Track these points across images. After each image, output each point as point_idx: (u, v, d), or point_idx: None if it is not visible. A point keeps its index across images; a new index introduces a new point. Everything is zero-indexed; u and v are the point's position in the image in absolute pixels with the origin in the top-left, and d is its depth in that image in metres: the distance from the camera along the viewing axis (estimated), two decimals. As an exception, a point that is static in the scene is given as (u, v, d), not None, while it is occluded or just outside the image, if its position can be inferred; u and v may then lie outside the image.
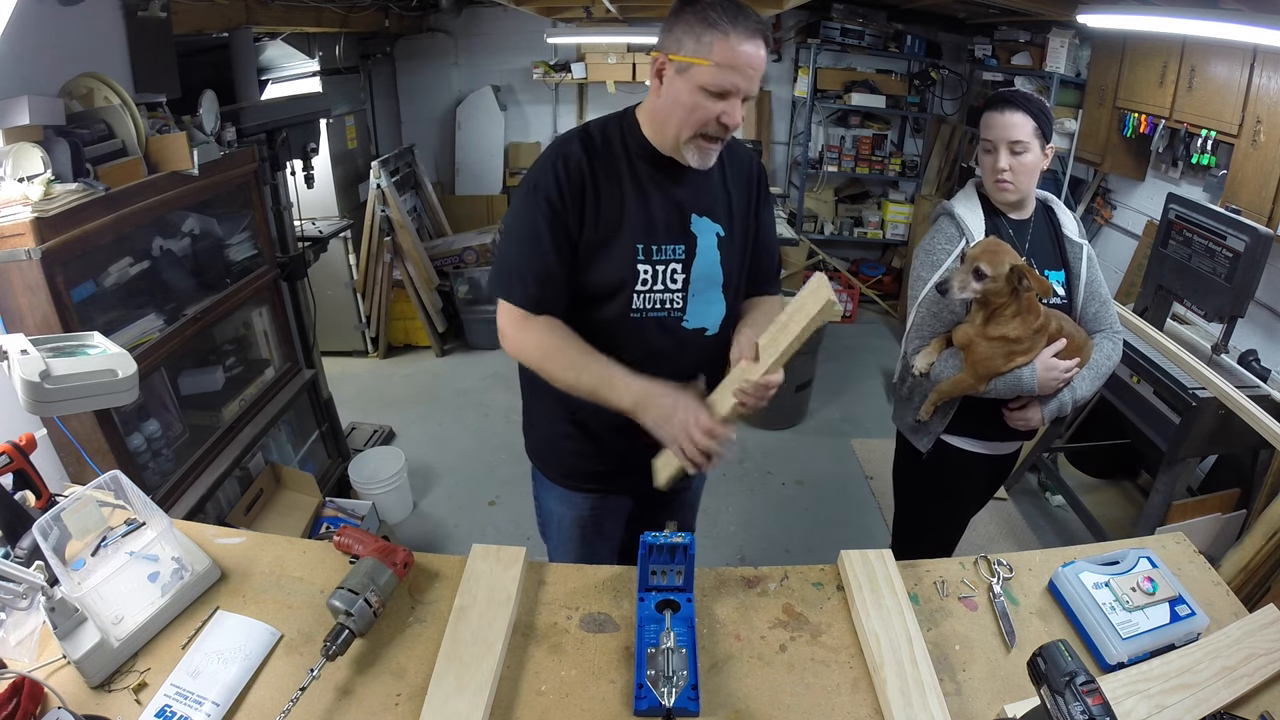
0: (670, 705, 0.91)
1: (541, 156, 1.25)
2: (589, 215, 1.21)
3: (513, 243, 1.25)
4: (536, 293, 1.22)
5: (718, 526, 2.92)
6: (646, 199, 1.24)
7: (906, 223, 5.20)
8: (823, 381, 3.86)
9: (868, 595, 1.13)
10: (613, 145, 1.24)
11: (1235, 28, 2.06)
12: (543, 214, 1.20)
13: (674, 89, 1.16)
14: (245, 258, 2.32)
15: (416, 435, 3.56)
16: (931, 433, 1.64)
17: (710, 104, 1.14)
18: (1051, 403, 1.55)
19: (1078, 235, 1.60)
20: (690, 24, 1.12)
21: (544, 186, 1.20)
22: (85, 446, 1.58)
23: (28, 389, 1.10)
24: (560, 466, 1.48)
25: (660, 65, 1.18)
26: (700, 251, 1.29)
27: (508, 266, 1.25)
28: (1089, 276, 1.59)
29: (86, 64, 1.76)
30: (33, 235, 1.41)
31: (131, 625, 1.03)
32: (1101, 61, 3.60)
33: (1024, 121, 1.48)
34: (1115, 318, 1.62)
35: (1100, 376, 1.58)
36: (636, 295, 1.26)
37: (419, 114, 5.23)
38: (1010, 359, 1.48)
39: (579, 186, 1.20)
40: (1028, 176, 1.52)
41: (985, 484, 1.83)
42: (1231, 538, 2.36)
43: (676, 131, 1.18)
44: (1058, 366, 1.49)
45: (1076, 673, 0.78)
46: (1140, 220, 3.54)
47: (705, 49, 1.11)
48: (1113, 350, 1.59)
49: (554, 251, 1.21)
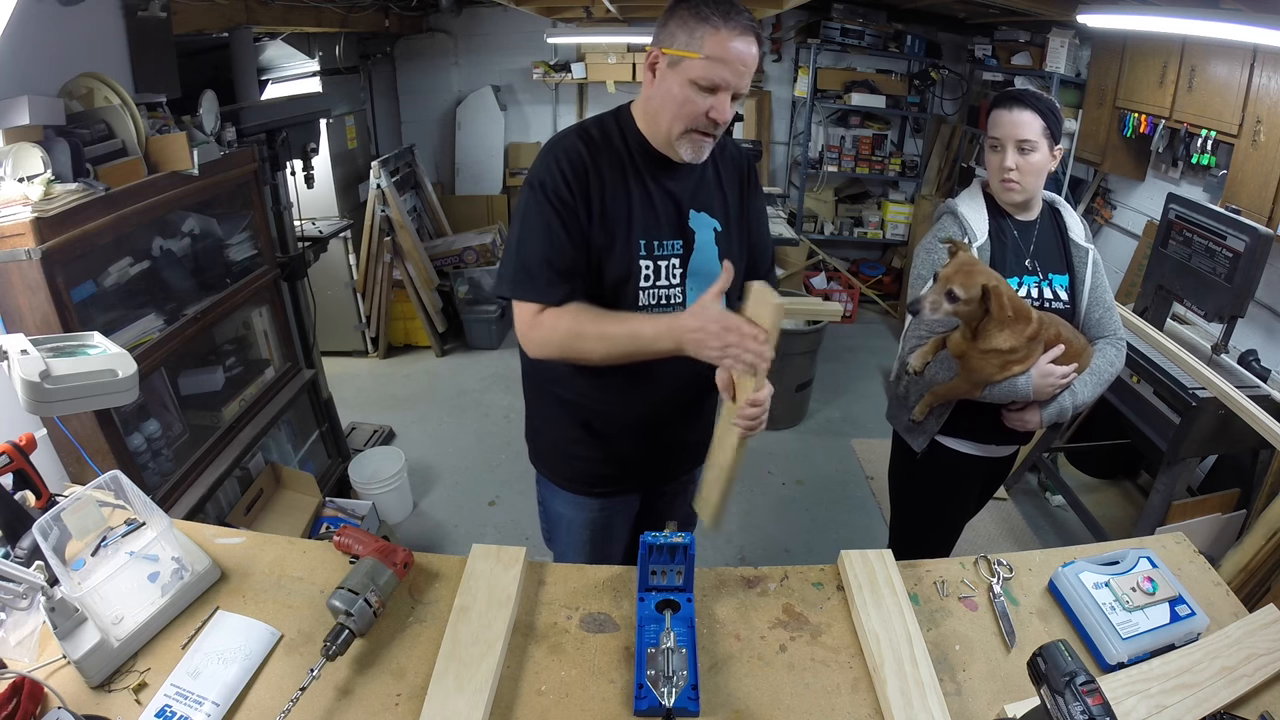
0: (670, 705, 0.91)
1: (541, 155, 1.24)
2: (595, 210, 1.21)
3: (525, 241, 1.21)
4: (559, 288, 1.20)
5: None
6: (647, 194, 1.25)
7: (906, 223, 5.20)
8: (823, 381, 3.86)
9: (868, 595, 1.13)
10: (611, 141, 1.24)
11: (1235, 28, 2.06)
12: (553, 209, 1.18)
13: (666, 83, 1.17)
14: (245, 258, 2.32)
15: (416, 435, 3.56)
16: (926, 433, 1.63)
17: (700, 98, 1.14)
18: (1051, 406, 1.53)
19: (1084, 239, 1.57)
20: (683, 19, 1.13)
21: (550, 184, 1.19)
22: (85, 446, 1.58)
23: (28, 389, 1.10)
24: (570, 472, 1.47)
25: (653, 59, 1.18)
26: (698, 247, 1.29)
27: (523, 266, 1.20)
28: (1094, 282, 1.56)
29: (86, 64, 1.76)
30: (33, 235, 1.41)
31: (131, 625, 1.03)
32: (1101, 61, 3.60)
33: (1033, 120, 1.45)
34: (1119, 324, 1.60)
35: (1102, 382, 1.55)
36: (641, 291, 1.26)
37: (419, 114, 5.23)
38: (1005, 369, 1.46)
39: (584, 181, 1.20)
40: (1035, 177, 1.49)
41: (981, 486, 1.81)
42: (1231, 538, 2.36)
43: (669, 125, 1.19)
44: (1054, 373, 1.47)
45: (1076, 673, 0.78)
46: (1140, 220, 3.54)
47: (697, 43, 1.12)
48: (1116, 356, 1.57)
49: (569, 245, 1.20)
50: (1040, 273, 1.56)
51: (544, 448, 1.50)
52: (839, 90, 4.92)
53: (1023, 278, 1.55)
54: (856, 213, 5.35)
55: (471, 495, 3.11)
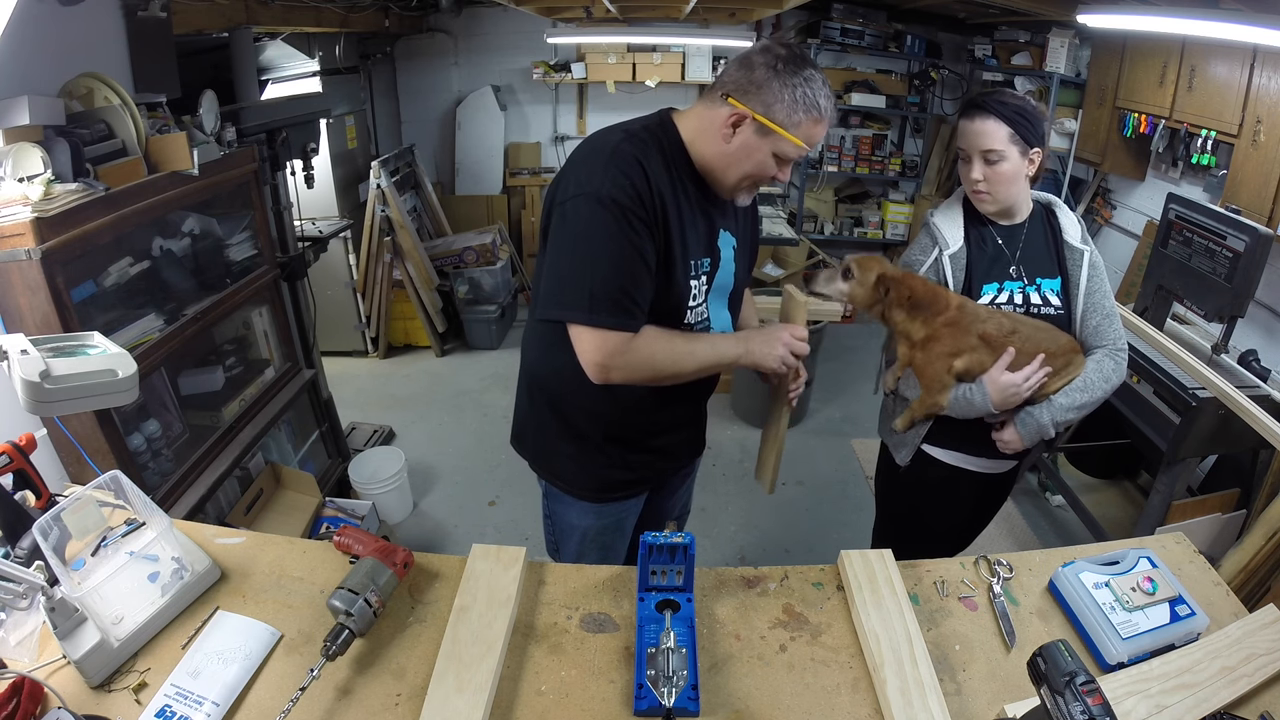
0: (670, 705, 0.91)
1: (597, 166, 1.15)
2: (661, 227, 1.18)
3: (599, 264, 1.13)
4: (640, 316, 1.17)
5: (718, 526, 2.92)
6: (694, 214, 1.25)
7: (906, 223, 5.21)
8: (823, 381, 3.86)
9: (868, 595, 1.13)
10: (665, 155, 1.20)
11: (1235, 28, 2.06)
12: (630, 228, 1.13)
13: (749, 145, 1.17)
14: (245, 258, 2.32)
15: (416, 435, 3.56)
16: (908, 445, 1.58)
17: (775, 166, 1.20)
18: (1027, 423, 1.45)
19: (1079, 241, 1.48)
20: (785, 96, 1.13)
21: (625, 200, 1.12)
22: (85, 446, 1.58)
23: (28, 389, 1.10)
24: (591, 482, 1.45)
25: (740, 119, 1.15)
26: (723, 263, 1.32)
27: (603, 292, 1.13)
28: (1091, 286, 1.46)
29: (86, 64, 1.76)
30: (33, 235, 1.41)
31: (131, 625, 1.03)
32: (1101, 61, 3.60)
33: (996, 128, 1.36)
34: (1120, 334, 1.48)
35: (1091, 396, 1.43)
36: (689, 310, 1.28)
37: (419, 114, 5.23)
38: (946, 361, 1.41)
39: (650, 197, 1.15)
40: (1005, 186, 1.41)
41: (975, 503, 1.70)
42: (1231, 538, 2.36)
43: (737, 180, 1.22)
44: (1014, 381, 1.39)
45: (1076, 673, 0.78)
46: (1140, 220, 3.54)
47: (794, 126, 1.15)
48: (1113, 370, 1.45)
49: (646, 269, 1.16)
50: (1026, 278, 1.48)
51: (559, 463, 1.46)
52: (839, 90, 4.91)
53: (1003, 283, 1.48)
54: (856, 213, 5.35)
55: (471, 495, 3.11)
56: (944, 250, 1.49)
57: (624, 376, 1.19)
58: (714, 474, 3.20)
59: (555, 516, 1.54)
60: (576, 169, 1.18)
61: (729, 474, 3.23)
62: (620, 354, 1.16)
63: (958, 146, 1.45)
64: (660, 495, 1.60)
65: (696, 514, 1.79)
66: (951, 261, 1.48)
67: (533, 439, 1.49)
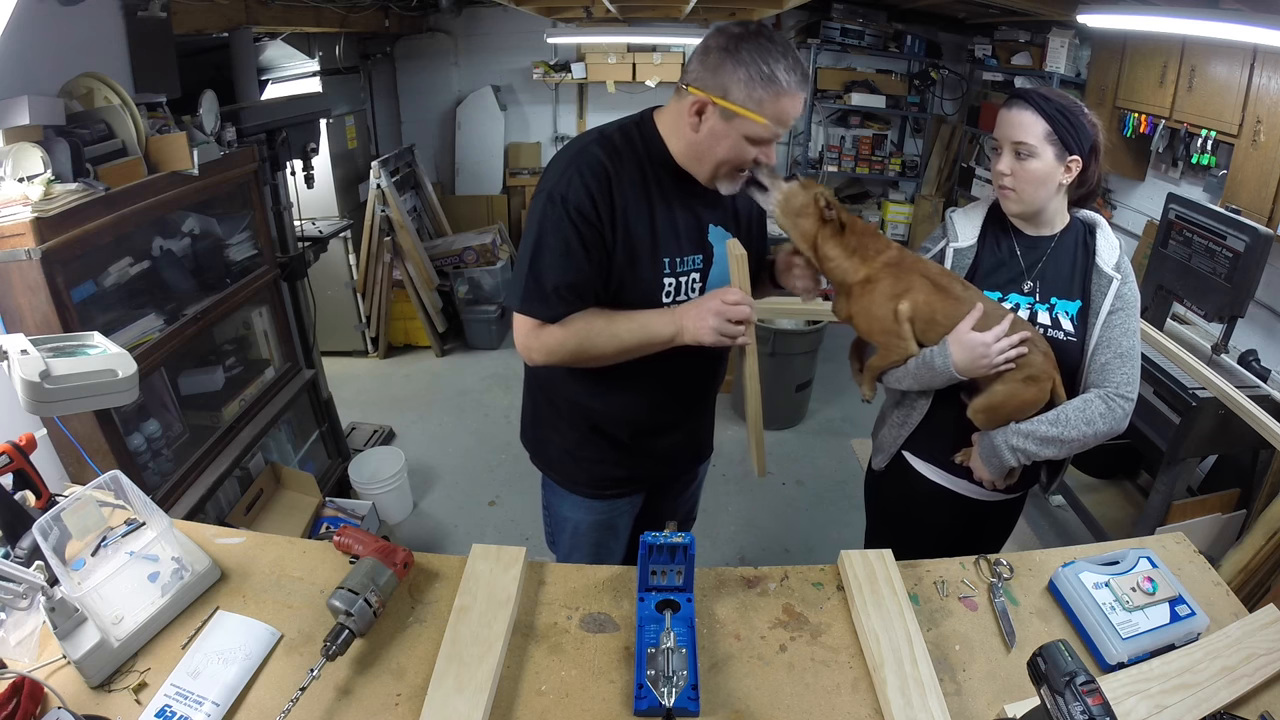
0: (670, 705, 0.91)
1: (561, 165, 1.20)
2: (619, 227, 1.19)
3: (540, 259, 1.18)
4: (566, 308, 1.20)
5: (718, 526, 2.92)
6: (670, 210, 1.24)
7: (906, 223, 5.21)
8: (823, 381, 3.86)
9: (868, 595, 1.13)
10: (637, 154, 1.21)
11: (1235, 28, 2.07)
12: (574, 227, 1.16)
13: (716, 132, 1.15)
14: (245, 258, 2.32)
15: (416, 435, 3.56)
16: (884, 451, 1.51)
17: (751, 149, 1.16)
18: (984, 444, 1.32)
19: (1111, 267, 1.33)
20: (739, 75, 1.10)
21: (573, 198, 1.15)
22: (85, 446, 1.58)
23: (28, 389, 1.10)
24: (581, 476, 1.47)
25: (700, 106, 1.14)
26: (717, 260, 1.31)
27: (538, 286, 1.18)
28: (1110, 320, 1.30)
29: (86, 64, 1.76)
30: (33, 235, 1.41)
31: (131, 625, 1.03)
32: (1101, 61, 3.60)
33: (1033, 122, 1.26)
34: (1130, 381, 1.28)
35: (1062, 433, 1.26)
36: (665, 306, 1.27)
37: (419, 114, 5.23)
38: (889, 305, 1.28)
39: (608, 197, 1.17)
40: (1032, 186, 1.29)
41: (960, 529, 1.50)
42: (1231, 538, 2.36)
43: (714, 169, 1.19)
44: (982, 340, 1.23)
45: (1076, 673, 0.78)
46: (1140, 220, 3.54)
47: (755, 104, 1.10)
48: (1101, 414, 1.26)
49: (588, 266, 1.18)
50: (1039, 295, 1.36)
51: (551, 453, 1.49)
52: (839, 90, 4.92)
53: (1009, 295, 1.36)
54: (857, 213, 5.34)
55: (471, 495, 3.11)
56: (951, 243, 1.40)
57: (543, 358, 1.24)
58: (714, 474, 3.15)
59: (551, 508, 1.57)
60: (549, 168, 1.24)
61: (729, 474, 3.24)
62: (534, 336, 1.22)
63: (992, 138, 1.36)
64: (661, 499, 1.60)
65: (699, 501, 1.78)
66: (956, 255, 1.39)
67: (531, 429, 1.53)
